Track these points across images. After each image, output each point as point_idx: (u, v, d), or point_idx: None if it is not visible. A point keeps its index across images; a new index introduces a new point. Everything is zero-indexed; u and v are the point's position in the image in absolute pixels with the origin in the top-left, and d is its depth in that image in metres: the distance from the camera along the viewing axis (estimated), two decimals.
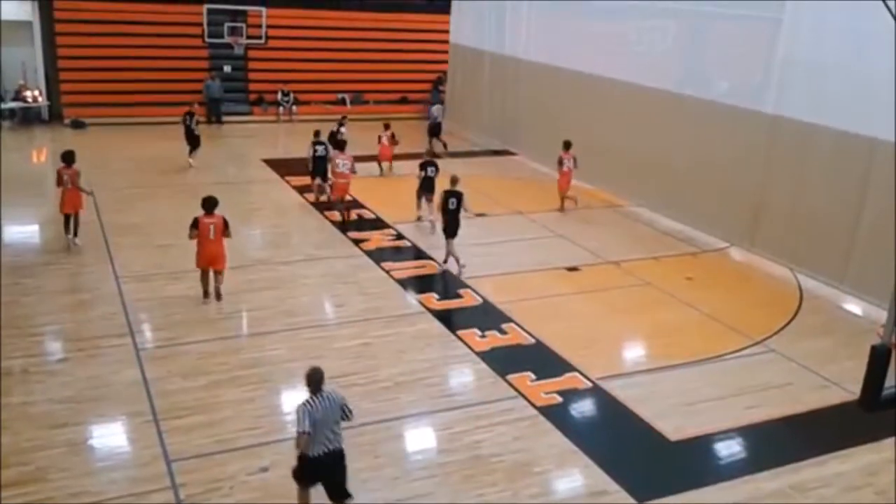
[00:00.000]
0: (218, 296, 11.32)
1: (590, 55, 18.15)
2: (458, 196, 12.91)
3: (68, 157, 13.27)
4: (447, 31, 24.87)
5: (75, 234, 13.19)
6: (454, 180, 13.24)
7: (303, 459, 6.71)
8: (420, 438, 8.46)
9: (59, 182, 13.08)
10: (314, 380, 6.80)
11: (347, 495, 6.83)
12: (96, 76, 23.24)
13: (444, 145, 21.44)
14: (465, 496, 7.36)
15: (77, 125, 22.77)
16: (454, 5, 24.33)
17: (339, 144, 16.95)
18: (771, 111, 13.54)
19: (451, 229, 12.90)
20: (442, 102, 25.70)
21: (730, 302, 12.24)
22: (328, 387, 6.85)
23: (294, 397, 8.97)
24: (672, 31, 17.23)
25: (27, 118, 22.93)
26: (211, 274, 11.36)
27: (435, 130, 21.96)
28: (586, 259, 13.93)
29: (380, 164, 19.17)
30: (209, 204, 11.31)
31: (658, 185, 16.06)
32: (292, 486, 7.27)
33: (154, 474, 7.41)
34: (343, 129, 19.17)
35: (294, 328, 10.66)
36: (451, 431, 8.40)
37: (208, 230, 11.22)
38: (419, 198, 15.57)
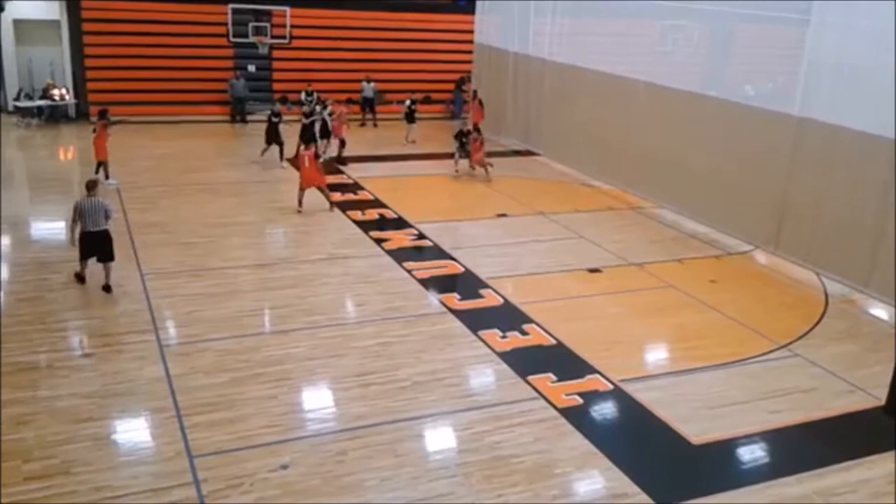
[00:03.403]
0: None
1: (614, 56, 18.07)
2: None
3: (103, 114, 17.48)
4: (471, 32, 24.84)
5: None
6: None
7: (85, 236, 11.14)
8: (440, 438, 8.45)
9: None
10: (89, 186, 11.33)
11: (112, 259, 11.39)
12: (122, 75, 23.49)
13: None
14: (485, 496, 7.34)
15: (108, 121, 22.98)
16: (479, 5, 24.30)
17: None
18: (797, 113, 13.39)
19: None
20: (465, 102, 25.73)
21: (754, 305, 12.12)
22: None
23: (315, 395, 9.09)
24: (697, 32, 17.12)
25: (54, 116, 23.23)
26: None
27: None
28: (608, 260, 13.85)
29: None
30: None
31: (682, 187, 15.93)
32: (313, 485, 7.34)
33: (176, 470, 7.47)
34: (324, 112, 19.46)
35: (315, 326, 10.70)
36: (471, 432, 8.38)
37: (304, 160, 15.34)
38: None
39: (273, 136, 18.99)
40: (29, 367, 9.20)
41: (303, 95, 24.83)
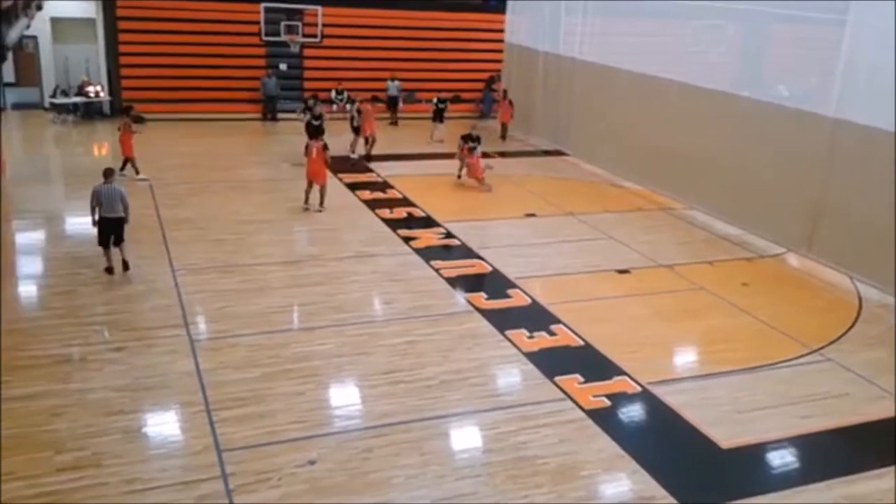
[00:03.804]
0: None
1: (645, 55, 17.93)
2: None
3: (128, 112, 18.49)
4: (501, 31, 24.84)
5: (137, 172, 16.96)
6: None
7: (101, 221, 11.76)
8: (465, 437, 8.45)
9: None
10: (106, 174, 12.07)
11: (122, 241, 11.93)
12: (156, 72, 23.79)
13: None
14: (510, 497, 7.33)
15: (137, 120, 23.26)
16: (510, 5, 24.28)
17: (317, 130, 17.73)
18: (832, 114, 13.19)
19: None
20: (495, 101, 25.69)
21: (786, 309, 11.96)
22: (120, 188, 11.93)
23: (343, 392, 9.14)
24: (730, 32, 16.93)
25: (89, 112, 23.59)
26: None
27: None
28: (637, 262, 13.76)
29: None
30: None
31: (713, 188, 15.77)
32: (339, 481, 7.38)
33: (205, 463, 7.55)
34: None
35: (342, 324, 10.75)
36: (496, 431, 8.37)
37: (312, 151, 15.40)
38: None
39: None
40: (62, 360, 9.36)
41: (333, 94, 24.98)
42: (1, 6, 13.74)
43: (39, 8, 20.44)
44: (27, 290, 11.75)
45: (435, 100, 22.94)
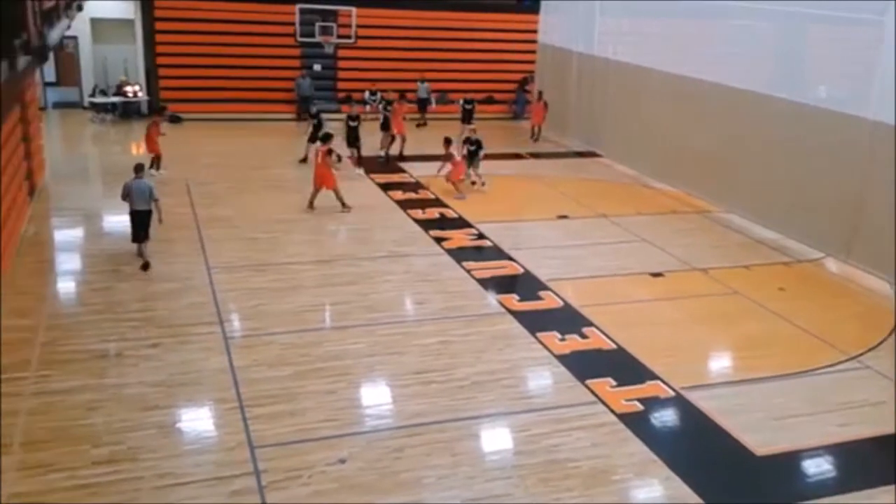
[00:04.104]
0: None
1: (680, 56, 17.75)
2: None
3: (161, 110, 19.36)
4: (534, 31, 24.75)
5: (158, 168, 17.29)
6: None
7: (130, 215, 12.16)
8: (497, 439, 8.43)
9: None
10: (136, 168, 12.36)
11: (147, 238, 12.28)
12: (193, 73, 24.09)
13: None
14: (541, 499, 7.29)
15: (174, 119, 23.60)
16: (543, 5, 24.19)
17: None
18: (871, 117, 12.95)
19: None
20: (528, 102, 25.59)
21: (823, 314, 11.76)
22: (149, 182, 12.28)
23: (374, 392, 9.17)
24: (766, 33, 16.70)
25: (127, 112, 23.94)
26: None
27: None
28: (672, 265, 13.62)
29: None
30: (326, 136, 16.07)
31: (751, 192, 15.56)
32: (369, 480, 7.41)
33: (237, 459, 7.62)
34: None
35: (375, 323, 10.79)
36: (528, 434, 8.34)
37: (318, 156, 15.48)
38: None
39: (352, 140, 19.03)
40: (99, 355, 9.51)
41: (367, 94, 25.07)
42: (43, 7, 13.99)
43: (80, 9, 20.80)
44: (66, 286, 11.97)
45: (462, 101, 22.77)
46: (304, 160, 18.83)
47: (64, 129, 23.09)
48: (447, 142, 17.61)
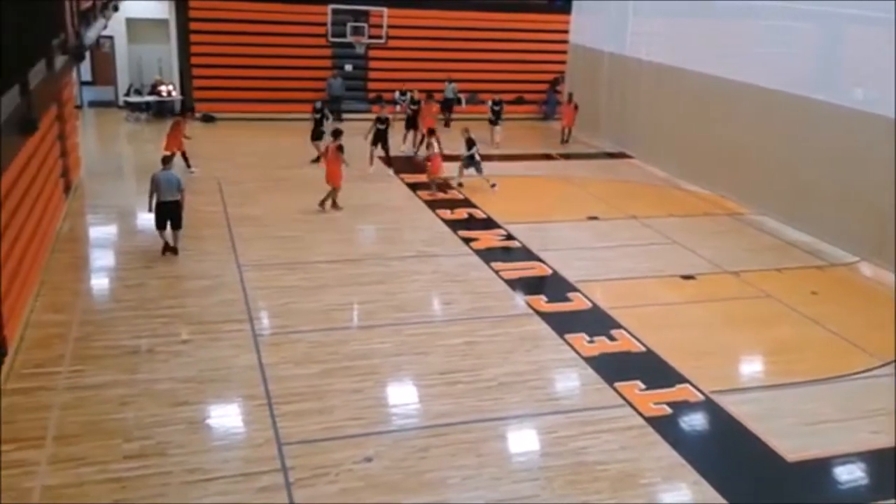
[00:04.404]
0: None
1: (713, 57, 17.57)
2: None
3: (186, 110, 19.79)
4: (565, 31, 24.64)
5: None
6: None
7: (159, 205, 12.44)
8: (523, 440, 8.41)
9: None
10: (164, 160, 12.95)
11: (180, 227, 12.68)
12: (226, 73, 24.33)
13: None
14: (569, 501, 7.25)
15: (207, 119, 23.92)
16: (575, 5, 24.07)
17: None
18: None
19: None
20: (559, 103, 25.46)
21: (857, 319, 11.56)
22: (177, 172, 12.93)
23: (401, 391, 9.19)
24: (802, 33, 16.46)
25: (161, 111, 24.24)
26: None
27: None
28: (702, 267, 13.47)
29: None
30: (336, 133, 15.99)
31: (784, 194, 15.35)
32: (395, 479, 7.43)
33: (265, 456, 7.68)
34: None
35: (402, 323, 10.82)
36: (555, 436, 8.31)
37: (328, 153, 15.55)
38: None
39: (382, 142, 19.12)
40: (131, 351, 9.64)
41: (397, 95, 25.12)
42: (80, 7, 14.24)
43: (116, 9, 21.14)
44: (99, 282, 12.15)
45: (490, 102, 22.65)
46: (317, 160, 18.81)
47: (99, 128, 23.47)
48: (430, 132, 18.17)
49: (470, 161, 17.67)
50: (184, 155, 17.72)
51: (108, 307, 11.07)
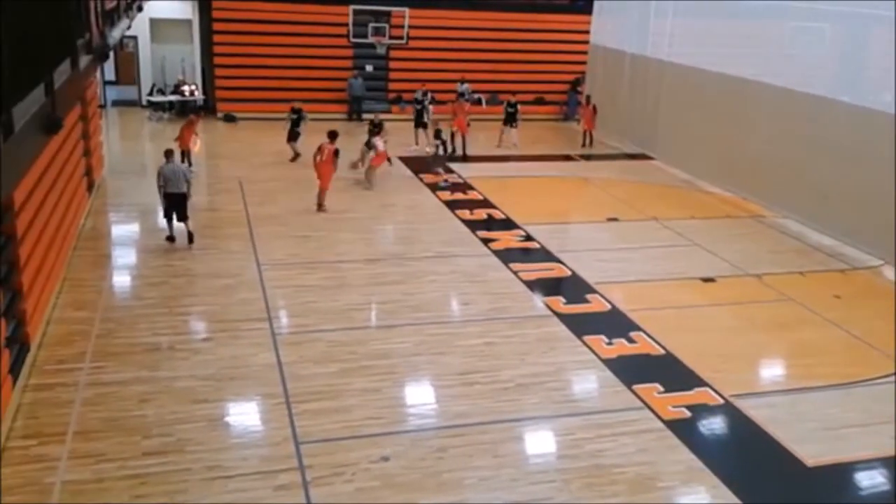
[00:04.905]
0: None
1: (736, 57, 17.44)
2: None
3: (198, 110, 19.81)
4: (586, 32, 24.54)
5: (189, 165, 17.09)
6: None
7: (166, 196, 12.88)
8: (541, 442, 8.39)
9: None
10: (167, 154, 13.31)
11: (186, 218, 13.06)
12: (248, 73, 24.47)
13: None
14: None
15: (229, 119, 24.08)
16: (596, 6, 23.97)
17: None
18: None
19: None
20: (579, 104, 25.35)
21: (881, 323, 11.40)
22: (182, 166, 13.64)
23: (419, 391, 9.20)
24: (828, 34, 16.30)
25: (184, 111, 24.43)
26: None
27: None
28: (724, 270, 13.37)
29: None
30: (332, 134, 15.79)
31: (808, 197, 15.19)
32: (412, 479, 7.43)
33: (283, 454, 7.72)
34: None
35: (420, 323, 10.83)
36: (572, 437, 8.28)
37: (324, 153, 15.36)
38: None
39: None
40: (152, 349, 9.73)
41: (418, 94, 25.15)
42: (105, 7, 14.37)
43: (140, 9, 21.32)
44: (121, 279, 12.27)
45: (505, 103, 22.37)
46: (294, 159, 19.20)
47: (122, 127, 23.71)
48: (376, 128, 17.97)
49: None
50: (187, 154, 17.88)
51: (129, 304, 11.18)
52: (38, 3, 7.35)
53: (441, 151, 18.34)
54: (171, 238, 13.26)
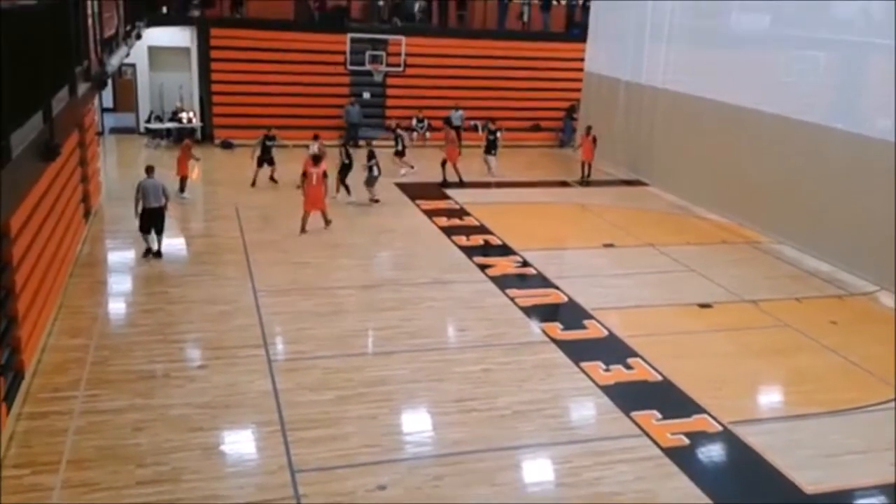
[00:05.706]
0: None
1: (730, 85, 17.55)
2: None
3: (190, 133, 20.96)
4: (581, 59, 24.74)
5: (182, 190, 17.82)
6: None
7: (146, 211, 13.30)
8: (538, 470, 8.32)
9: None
10: (147, 169, 13.80)
11: (162, 231, 13.53)
12: (246, 100, 24.60)
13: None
14: None
15: (226, 146, 24.15)
16: (591, 33, 24.20)
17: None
18: None
19: None
20: (574, 130, 25.51)
21: (877, 349, 11.40)
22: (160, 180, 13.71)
23: (415, 418, 9.14)
24: (822, 63, 16.44)
25: (181, 138, 24.48)
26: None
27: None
28: (720, 296, 13.38)
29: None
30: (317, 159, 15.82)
31: (804, 223, 15.23)
32: None
33: (279, 483, 7.65)
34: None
35: (417, 349, 10.79)
36: (570, 465, 8.23)
37: (313, 178, 15.46)
38: None
39: (343, 177, 19.27)
40: (147, 376, 9.67)
41: (414, 121, 25.31)
42: (104, 35, 14.47)
43: (139, 37, 21.46)
44: (117, 306, 12.23)
45: (485, 128, 22.08)
46: (253, 184, 19.37)
47: (119, 154, 23.74)
48: (314, 160, 15.89)
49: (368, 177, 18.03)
50: (183, 181, 18.15)
51: (125, 331, 11.13)
52: (37, 31, 7.41)
53: (376, 173, 18.12)
54: (148, 251, 13.77)
